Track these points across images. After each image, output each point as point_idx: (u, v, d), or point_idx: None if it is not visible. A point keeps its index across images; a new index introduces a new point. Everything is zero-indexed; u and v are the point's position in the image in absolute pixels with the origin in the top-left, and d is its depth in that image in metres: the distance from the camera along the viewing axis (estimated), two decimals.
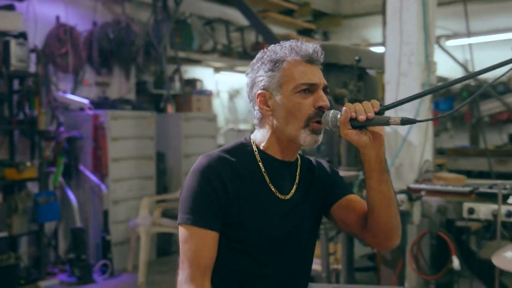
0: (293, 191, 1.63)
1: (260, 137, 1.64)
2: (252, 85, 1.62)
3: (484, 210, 2.91)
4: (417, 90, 3.83)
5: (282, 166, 1.63)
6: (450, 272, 2.97)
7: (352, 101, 2.41)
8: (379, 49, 4.93)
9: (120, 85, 5.97)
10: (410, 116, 2.42)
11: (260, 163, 1.61)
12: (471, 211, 2.95)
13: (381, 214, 1.57)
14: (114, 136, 5.23)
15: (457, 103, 6.79)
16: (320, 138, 1.59)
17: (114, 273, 5.08)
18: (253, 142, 1.65)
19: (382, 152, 1.53)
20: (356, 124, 1.48)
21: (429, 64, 3.88)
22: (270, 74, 1.57)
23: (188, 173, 1.60)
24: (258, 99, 1.60)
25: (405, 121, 1.47)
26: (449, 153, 5.81)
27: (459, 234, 3.28)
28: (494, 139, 6.29)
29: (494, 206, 2.86)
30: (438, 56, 4.21)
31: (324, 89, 1.59)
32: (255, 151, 1.62)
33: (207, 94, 6.52)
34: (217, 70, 7.12)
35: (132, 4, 6.09)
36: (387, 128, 1.66)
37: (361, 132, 1.49)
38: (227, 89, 7.52)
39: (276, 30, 6.21)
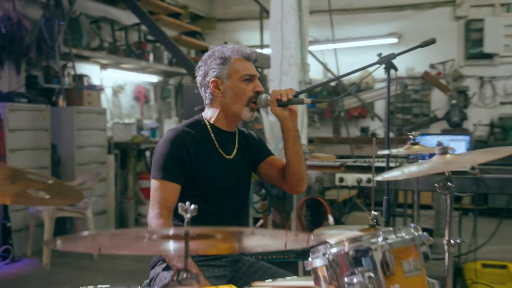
0: (234, 152, 2.29)
1: (210, 114, 2.28)
2: (205, 75, 2.25)
3: (351, 178, 3.78)
4: (295, 86, 4.64)
5: (227, 135, 2.28)
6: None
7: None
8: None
9: (10, 79, 6.13)
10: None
11: (211, 133, 2.24)
12: (341, 179, 3.81)
13: (295, 167, 2.28)
14: (12, 127, 5.44)
15: (318, 99, 7.89)
16: (255, 114, 2.27)
17: (15, 258, 5.30)
18: (205, 118, 2.28)
19: (296, 123, 2.26)
20: (280, 103, 2.19)
21: (304, 65, 4.74)
22: (221, 67, 2.21)
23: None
24: (212, 85, 2.22)
25: (314, 101, 2.22)
26: (317, 141, 6.82)
27: (332, 202, 4.15)
28: (351, 130, 7.43)
29: (357, 175, 3.74)
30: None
31: (258, 79, 2.27)
32: (207, 124, 2.26)
33: (97, 89, 6.87)
34: (103, 66, 7.46)
35: (22, 1, 6.27)
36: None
37: (283, 109, 2.20)
38: (111, 85, 7.87)
39: (166, 32, 6.73)
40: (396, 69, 2.44)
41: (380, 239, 1.43)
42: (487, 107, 8.45)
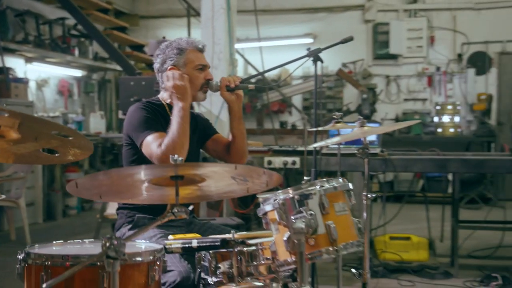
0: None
1: (166, 96, 2.63)
2: (163, 62, 2.60)
3: (278, 161, 4.25)
4: None
5: None
6: (257, 205, 4.24)
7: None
8: None
9: None
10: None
11: (168, 112, 2.59)
12: (269, 162, 4.26)
13: (239, 143, 2.69)
14: None
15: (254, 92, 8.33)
16: (206, 96, 2.66)
17: None
18: (162, 99, 2.64)
19: (241, 106, 2.66)
20: (229, 88, 2.59)
21: (232, 61, 5.16)
22: (178, 57, 2.57)
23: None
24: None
25: (257, 87, 2.64)
26: None
27: None
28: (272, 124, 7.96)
29: (284, 158, 4.22)
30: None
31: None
32: (165, 104, 2.61)
33: (24, 82, 6.91)
34: (28, 60, 7.48)
35: None
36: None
37: (231, 93, 2.60)
38: (35, 78, 7.90)
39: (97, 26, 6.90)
40: (322, 61, 2.91)
41: (317, 186, 1.87)
42: (393, 103, 9.29)
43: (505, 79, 9.06)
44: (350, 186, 1.96)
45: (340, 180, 1.95)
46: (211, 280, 2.06)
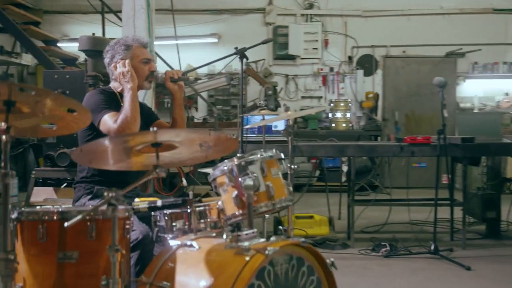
0: None
1: (116, 85, 3.02)
2: (112, 57, 2.99)
3: None
4: None
5: None
6: (181, 188, 4.68)
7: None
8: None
9: None
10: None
11: (119, 99, 2.98)
12: None
13: (180, 126, 3.13)
14: None
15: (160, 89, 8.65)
16: (151, 86, 3.08)
17: None
18: (113, 87, 3.02)
19: (182, 95, 3.11)
20: (172, 80, 3.03)
21: (153, 57, 5.53)
22: (126, 52, 2.97)
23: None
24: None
25: (196, 78, 3.11)
26: None
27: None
28: None
29: None
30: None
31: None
32: (116, 92, 3.00)
33: None
34: None
35: None
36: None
37: (174, 84, 3.05)
38: None
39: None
40: (247, 58, 3.43)
41: (258, 155, 2.39)
42: (292, 100, 10.05)
43: (389, 80, 10.15)
44: (282, 155, 2.50)
45: (274, 150, 2.48)
46: (168, 236, 2.51)
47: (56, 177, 5.22)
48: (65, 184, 5.32)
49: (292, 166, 2.85)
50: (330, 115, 9.48)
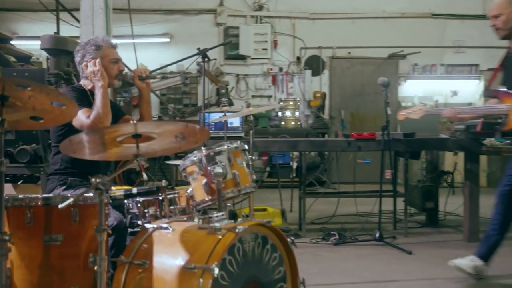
0: None
1: (87, 83, 3.20)
2: (83, 56, 3.16)
3: None
4: None
5: None
6: (141, 182, 4.85)
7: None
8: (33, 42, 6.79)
9: None
10: None
11: (90, 96, 3.17)
12: None
13: (147, 121, 3.35)
14: None
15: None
16: (120, 84, 3.28)
17: None
18: (84, 85, 3.21)
19: (149, 92, 3.33)
20: (141, 78, 3.24)
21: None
22: (96, 52, 3.16)
23: None
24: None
25: (163, 76, 3.32)
26: None
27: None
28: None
29: None
30: None
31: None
32: (86, 90, 3.19)
33: None
34: None
35: None
36: None
37: (142, 82, 3.26)
38: None
39: None
40: (209, 59, 3.67)
41: (225, 146, 2.64)
42: (242, 99, 10.31)
43: (335, 80, 10.59)
44: (246, 146, 2.76)
45: (239, 142, 2.74)
46: (141, 222, 2.73)
47: (13, 174, 5.28)
48: (21, 181, 5.38)
49: (253, 158, 3.12)
50: (279, 113, 9.80)
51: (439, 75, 10.50)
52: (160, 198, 2.70)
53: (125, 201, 2.79)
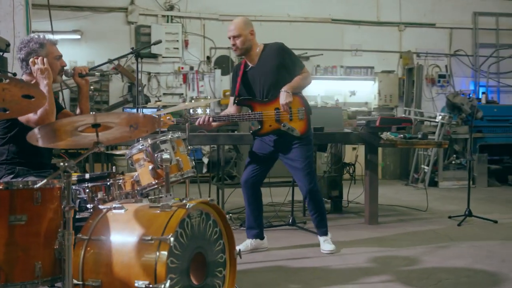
0: None
1: (30, 79, 3.39)
2: (28, 54, 3.34)
3: None
4: None
5: None
6: None
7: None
8: None
9: None
10: None
11: None
12: None
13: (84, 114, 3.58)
14: None
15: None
16: (62, 79, 3.49)
17: None
18: (26, 81, 3.38)
19: (88, 88, 3.57)
20: (80, 75, 3.48)
21: None
22: (40, 49, 3.35)
23: None
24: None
25: (102, 74, 3.58)
26: None
27: None
28: None
29: None
30: None
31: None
32: None
33: None
34: None
35: None
36: None
37: (82, 79, 3.49)
38: None
39: None
40: (141, 57, 3.96)
41: (169, 136, 2.98)
42: (155, 96, 10.52)
43: None
44: (185, 136, 3.11)
45: (180, 132, 3.09)
46: (89, 206, 2.99)
47: None
48: None
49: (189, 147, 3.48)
50: (191, 111, 10.09)
51: (339, 76, 11.30)
52: (108, 183, 2.98)
53: (73, 186, 3.03)
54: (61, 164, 2.31)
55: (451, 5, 11.87)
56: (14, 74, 5.07)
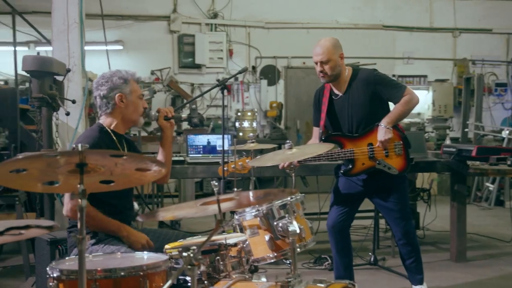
0: (126, 149, 2.97)
1: (109, 121, 2.91)
2: (111, 90, 2.86)
3: None
4: (79, 92, 5.17)
5: (121, 137, 2.96)
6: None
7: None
8: None
9: None
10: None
11: (113, 137, 2.88)
12: None
13: (168, 163, 3.10)
14: None
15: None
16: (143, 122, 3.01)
17: None
18: (105, 125, 2.91)
19: (173, 132, 3.08)
20: (166, 118, 3.00)
21: (85, 73, 5.29)
22: (124, 85, 2.88)
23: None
24: (117, 98, 2.86)
25: (189, 116, 3.09)
26: None
27: None
28: None
29: None
30: None
31: None
32: (109, 130, 2.89)
33: None
34: None
35: None
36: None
37: (167, 122, 3.01)
38: None
39: None
40: (228, 90, 3.46)
41: (289, 198, 2.46)
42: (198, 109, 10.04)
43: (290, 89, 10.55)
44: (303, 196, 2.60)
45: (299, 194, 2.57)
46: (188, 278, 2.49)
47: None
48: None
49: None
50: (237, 124, 9.63)
51: None
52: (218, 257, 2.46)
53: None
54: (186, 255, 1.82)
55: (509, 9, 11.18)
56: (73, 102, 4.63)
